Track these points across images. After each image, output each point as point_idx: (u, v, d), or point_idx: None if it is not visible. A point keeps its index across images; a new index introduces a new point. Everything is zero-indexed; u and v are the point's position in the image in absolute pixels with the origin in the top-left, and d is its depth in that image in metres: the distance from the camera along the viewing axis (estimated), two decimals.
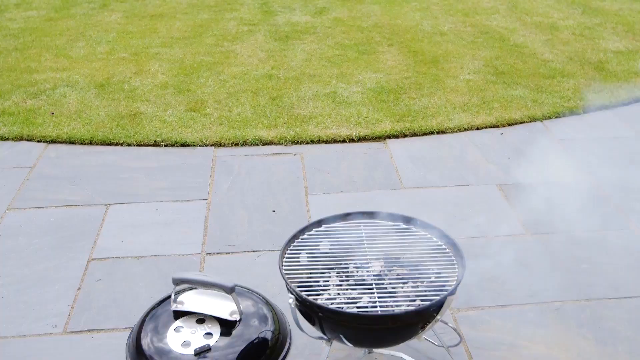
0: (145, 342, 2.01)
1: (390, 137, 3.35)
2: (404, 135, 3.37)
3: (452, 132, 3.40)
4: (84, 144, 3.31)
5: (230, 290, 2.02)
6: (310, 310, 1.70)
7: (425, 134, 3.39)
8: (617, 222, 2.67)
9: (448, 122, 3.45)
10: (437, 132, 3.39)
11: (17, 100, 3.74)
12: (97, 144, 3.31)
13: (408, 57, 4.31)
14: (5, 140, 3.35)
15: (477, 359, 2.02)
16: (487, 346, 2.07)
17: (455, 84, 3.91)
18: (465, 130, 3.41)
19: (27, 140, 3.35)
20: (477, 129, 3.43)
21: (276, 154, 3.22)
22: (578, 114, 3.57)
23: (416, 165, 3.11)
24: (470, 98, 3.71)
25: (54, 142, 3.33)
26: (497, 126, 3.45)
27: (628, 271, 2.39)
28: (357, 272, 1.86)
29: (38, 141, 3.33)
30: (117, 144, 3.31)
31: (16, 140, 3.35)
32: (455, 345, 1.98)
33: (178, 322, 2.05)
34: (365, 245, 1.89)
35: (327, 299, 1.76)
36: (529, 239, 2.57)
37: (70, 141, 3.32)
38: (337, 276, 1.84)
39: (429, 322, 1.72)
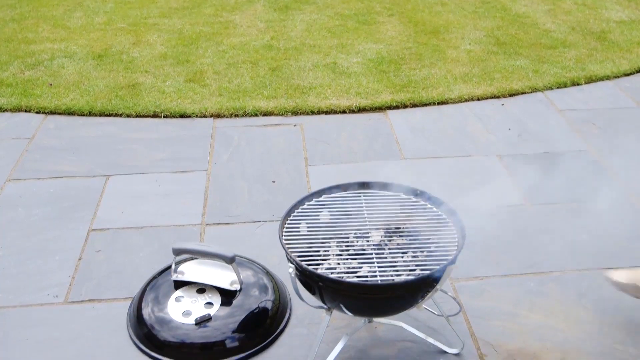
0: (146, 312, 2.03)
1: (390, 107, 3.33)
2: (405, 106, 3.35)
3: (452, 102, 3.38)
4: (83, 115, 3.29)
5: (230, 260, 2.03)
6: (310, 280, 1.70)
7: (425, 104, 3.37)
8: (617, 192, 2.67)
9: (449, 93, 3.43)
10: (438, 103, 3.38)
11: (15, 71, 3.71)
12: (96, 115, 3.29)
13: (408, 28, 4.27)
14: (3, 111, 3.33)
15: (476, 328, 2.03)
16: (486, 315, 2.08)
17: (456, 54, 3.88)
18: (466, 100, 3.40)
19: (26, 111, 3.33)
20: (478, 99, 3.41)
21: (276, 124, 3.21)
22: (580, 85, 3.55)
23: (416, 135, 3.10)
24: (471, 68, 3.69)
25: (52, 113, 3.31)
26: (497, 97, 3.43)
27: (628, 241, 2.39)
28: (357, 242, 1.86)
29: (37, 112, 3.32)
30: (116, 115, 3.29)
31: (14, 112, 3.33)
32: (455, 315, 1.98)
33: (179, 292, 2.06)
34: (365, 215, 1.89)
35: (327, 269, 1.76)
36: (529, 209, 2.57)
37: (69, 112, 3.31)
38: (337, 246, 1.84)
39: (429, 292, 1.72)
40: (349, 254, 1.83)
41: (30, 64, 3.79)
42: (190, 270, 2.10)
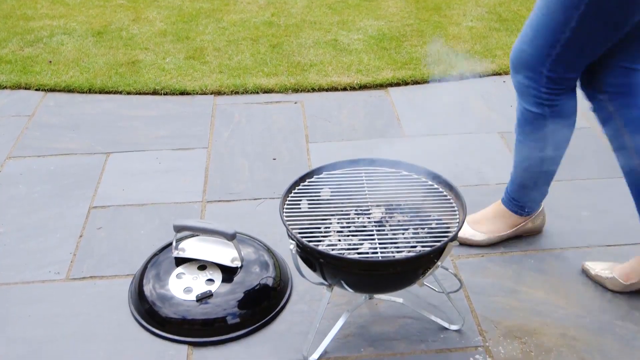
0: (148, 289, 2.03)
1: (391, 85, 3.32)
2: (406, 83, 3.33)
3: (454, 79, 3.37)
4: (83, 93, 3.28)
5: (231, 237, 2.03)
6: (311, 257, 1.70)
7: (427, 81, 3.35)
8: (619, 169, 2.66)
9: (450, 70, 3.41)
10: (439, 80, 3.36)
11: (14, 48, 3.69)
12: (96, 93, 3.28)
13: (410, 4, 4.24)
14: (3, 88, 3.32)
15: (476, 305, 2.04)
16: (487, 292, 2.08)
17: (457, 31, 3.85)
18: (468, 77, 3.38)
19: (25, 88, 3.32)
20: (480, 76, 3.40)
21: (276, 102, 3.19)
22: None
23: (417, 113, 3.08)
24: (473, 45, 3.67)
25: (52, 90, 3.30)
26: (499, 74, 3.41)
27: (629, 218, 2.39)
28: (358, 218, 1.86)
29: (36, 89, 3.30)
30: (116, 93, 3.28)
31: (14, 89, 3.32)
32: (456, 291, 1.99)
33: (180, 269, 2.07)
34: (366, 192, 1.89)
35: (328, 245, 1.76)
36: None
37: (68, 89, 3.29)
38: (338, 223, 1.84)
39: (430, 268, 1.72)
40: (349, 231, 1.83)
41: (30, 41, 3.77)
42: (191, 247, 2.10)
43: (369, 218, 1.85)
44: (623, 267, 2.07)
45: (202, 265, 2.07)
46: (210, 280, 2.02)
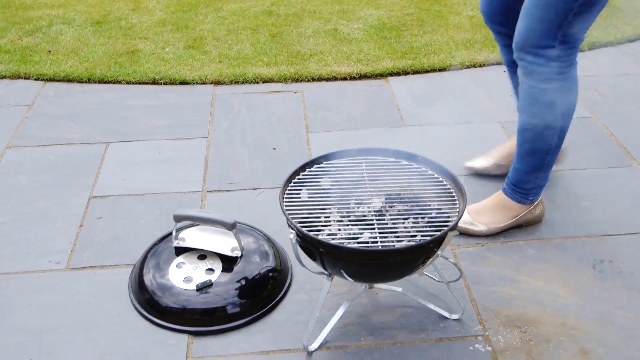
0: (148, 278, 2.04)
1: (391, 74, 3.31)
2: (406, 73, 3.32)
3: (454, 69, 3.36)
4: (82, 82, 3.27)
5: (231, 227, 2.03)
6: (311, 246, 1.70)
7: (427, 71, 3.34)
8: (620, 159, 2.66)
9: (450, 59, 3.40)
10: (439, 70, 3.35)
11: (12, 37, 3.68)
12: (95, 82, 3.27)
13: None
14: (2, 78, 3.31)
15: (476, 294, 2.04)
16: (486, 281, 2.09)
17: (458, 20, 3.84)
18: (468, 67, 3.37)
19: (24, 78, 3.31)
20: (480, 66, 3.39)
21: (276, 91, 3.19)
22: (582, 51, 3.51)
23: (417, 102, 3.08)
24: (474, 35, 3.65)
25: (51, 80, 3.29)
26: (500, 63, 3.39)
27: (629, 208, 2.39)
28: (358, 208, 1.86)
29: (35, 79, 3.30)
30: (115, 82, 3.27)
31: (13, 79, 3.31)
32: (455, 281, 1.99)
33: (180, 259, 2.07)
34: (366, 182, 1.89)
35: (328, 235, 1.76)
36: None
37: (68, 79, 3.29)
38: (337, 212, 1.84)
39: (430, 258, 1.72)
40: (349, 220, 1.83)
41: (28, 31, 3.75)
42: (191, 237, 2.10)
43: (369, 207, 1.85)
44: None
45: (202, 255, 2.07)
46: (210, 270, 2.03)
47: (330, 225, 1.80)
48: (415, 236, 1.73)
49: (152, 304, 1.98)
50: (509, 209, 2.23)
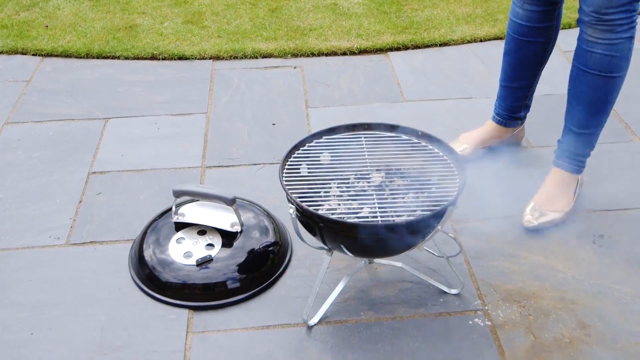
0: (148, 254, 2.04)
1: (391, 49, 3.29)
2: (406, 48, 3.30)
3: (454, 44, 3.33)
4: (80, 58, 3.25)
5: (231, 202, 2.03)
6: (311, 221, 1.70)
7: (427, 46, 3.32)
8: (621, 134, 2.65)
9: (451, 34, 3.38)
10: (440, 45, 3.33)
11: (9, 12, 3.65)
12: (93, 58, 3.25)
13: None
14: None
15: (476, 269, 2.05)
16: (486, 256, 2.09)
17: None
18: (469, 42, 3.35)
19: (22, 53, 3.29)
20: (481, 41, 3.36)
21: (276, 67, 3.17)
22: None
23: (418, 77, 3.06)
24: (474, 9, 3.62)
25: (49, 55, 3.27)
26: (501, 38, 3.37)
27: (630, 183, 2.39)
28: (358, 183, 1.85)
29: (33, 54, 3.27)
30: (113, 58, 3.25)
31: (10, 54, 3.29)
32: (455, 256, 1.99)
33: (179, 234, 2.07)
34: (366, 157, 1.88)
35: (328, 210, 1.76)
36: (530, 151, 2.56)
37: (66, 54, 3.26)
38: (337, 187, 1.84)
39: (430, 233, 1.72)
40: (349, 195, 1.82)
41: (25, 5, 3.72)
42: (191, 212, 2.10)
43: (368, 182, 1.85)
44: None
45: (202, 230, 2.07)
46: (210, 245, 2.03)
47: (330, 200, 1.80)
48: (415, 211, 1.73)
49: (152, 279, 1.98)
50: (567, 185, 2.23)
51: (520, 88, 2.41)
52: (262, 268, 2.01)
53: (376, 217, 1.71)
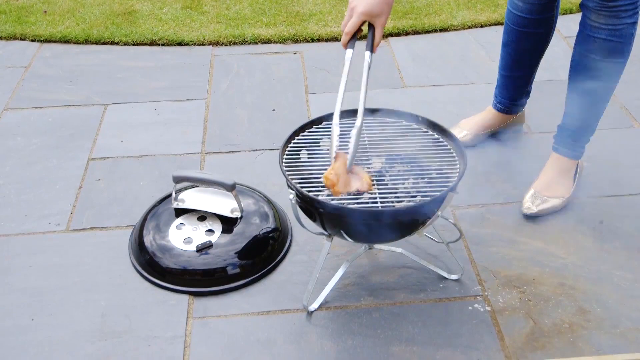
0: (148, 240, 2.04)
1: (392, 35, 3.27)
2: (406, 34, 3.29)
3: (455, 29, 3.32)
4: (79, 44, 3.24)
5: (230, 188, 2.03)
6: (311, 207, 1.70)
7: (428, 32, 3.31)
8: (622, 120, 2.65)
9: (451, 20, 3.36)
10: (440, 30, 3.31)
11: None
12: (92, 44, 3.24)
13: None
14: None
15: (475, 255, 2.05)
16: (486, 242, 2.09)
17: None
18: (469, 28, 3.33)
19: (20, 39, 3.27)
20: (481, 26, 3.35)
21: (275, 52, 3.15)
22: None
23: (418, 63, 3.05)
24: None
25: (48, 41, 3.25)
26: (501, 24, 3.35)
27: (630, 169, 2.38)
28: None
29: (32, 40, 3.26)
30: (112, 43, 3.23)
31: (9, 40, 3.27)
32: (455, 241, 1.99)
33: (179, 220, 2.07)
34: (366, 142, 1.88)
35: (328, 195, 1.75)
36: (531, 137, 2.55)
37: (64, 40, 3.25)
38: None
39: (430, 218, 1.72)
40: None
41: None
42: (191, 198, 2.10)
43: (369, 168, 1.84)
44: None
45: (202, 216, 2.07)
46: (210, 231, 2.03)
47: None
48: (415, 197, 1.72)
49: (152, 265, 1.98)
50: (567, 171, 2.23)
51: (520, 77, 2.40)
52: (262, 254, 2.01)
53: (376, 202, 1.71)
